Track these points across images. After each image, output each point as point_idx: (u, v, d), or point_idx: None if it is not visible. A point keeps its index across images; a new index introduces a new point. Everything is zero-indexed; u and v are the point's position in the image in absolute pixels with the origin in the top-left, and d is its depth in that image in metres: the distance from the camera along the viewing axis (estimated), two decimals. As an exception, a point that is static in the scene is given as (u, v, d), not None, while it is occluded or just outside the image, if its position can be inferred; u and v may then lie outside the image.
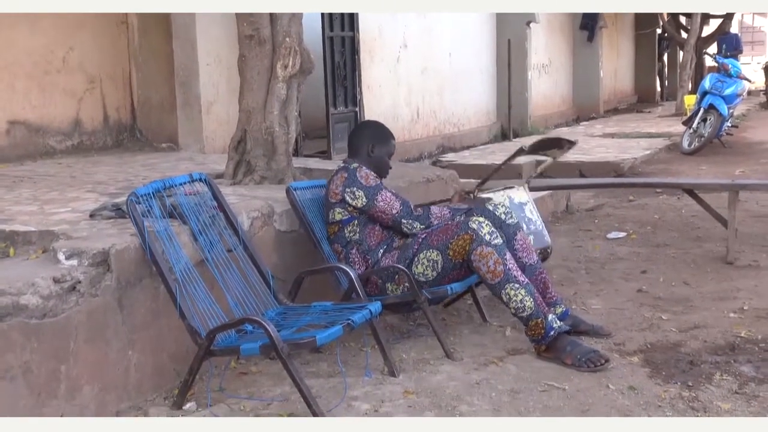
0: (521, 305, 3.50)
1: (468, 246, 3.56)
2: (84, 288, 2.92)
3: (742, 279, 4.74)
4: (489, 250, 3.53)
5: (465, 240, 3.57)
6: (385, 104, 9.52)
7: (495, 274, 3.51)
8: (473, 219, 3.62)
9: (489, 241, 3.54)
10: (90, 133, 6.42)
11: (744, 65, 15.82)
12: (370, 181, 3.78)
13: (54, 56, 6.13)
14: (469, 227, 3.58)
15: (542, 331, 3.49)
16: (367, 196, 3.75)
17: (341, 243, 3.80)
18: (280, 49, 4.56)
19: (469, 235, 3.56)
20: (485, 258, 3.52)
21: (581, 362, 3.39)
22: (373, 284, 3.74)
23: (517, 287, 3.50)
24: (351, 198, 3.75)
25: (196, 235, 3.36)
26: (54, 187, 4.59)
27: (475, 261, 3.55)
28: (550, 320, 3.50)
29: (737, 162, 9.40)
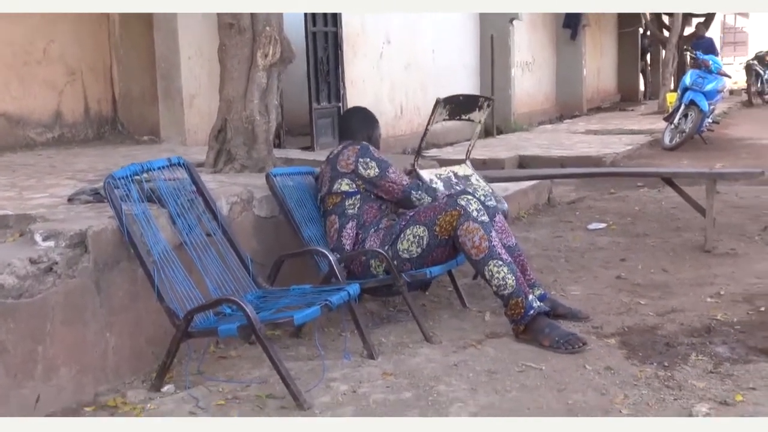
0: (503, 282, 3.53)
1: (455, 221, 3.61)
2: (61, 269, 2.91)
3: (720, 266, 4.78)
4: (476, 225, 3.58)
5: (453, 216, 3.62)
6: (368, 100, 9.52)
7: (480, 250, 3.55)
8: (462, 196, 3.70)
9: (476, 218, 3.60)
10: (71, 126, 6.40)
11: (726, 65, 15.96)
12: (381, 156, 3.88)
13: (34, 48, 6.10)
14: (458, 203, 3.65)
15: (522, 310, 3.51)
16: (379, 167, 3.83)
17: (338, 215, 3.82)
18: (261, 38, 4.57)
19: (458, 211, 3.62)
20: (471, 233, 3.57)
21: (559, 344, 3.41)
22: (357, 262, 3.76)
23: (500, 264, 3.53)
24: (364, 168, 3.81)
25: (175, 218, 3.36)
26: (33, 175, 4.58)
27: (461, 236, 3.59)
28: (530, 300, 3.53)
29: (718, 157, 9.48)
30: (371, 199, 3.86)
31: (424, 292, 4.27)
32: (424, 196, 3.89)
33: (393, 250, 3.71)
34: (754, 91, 18.11)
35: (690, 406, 2.85)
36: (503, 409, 2.88)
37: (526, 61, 14.56)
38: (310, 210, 3.99)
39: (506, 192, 6.45)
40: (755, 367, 3.21)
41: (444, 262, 3.77)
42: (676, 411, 2.84)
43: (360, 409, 2.90)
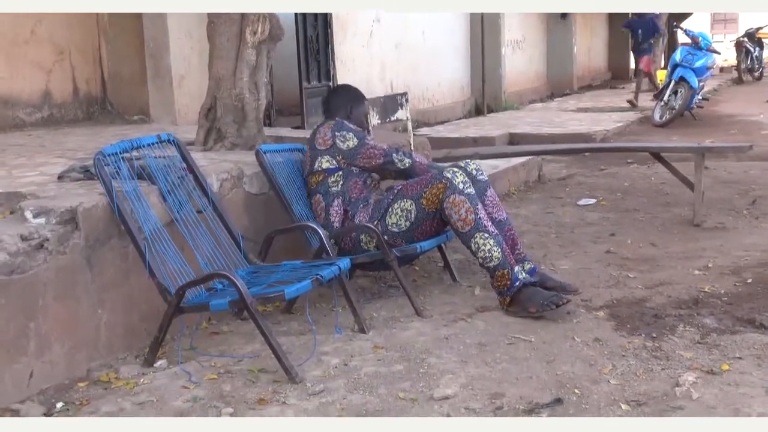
0: (489, 255, 3.56)
1: (441, 194, 3.63)
2: (52, 246, 2.92)
3: (708, 240, 4.82)
4: (462, 198, 3.60)
5: (439, 188, 3.65)
6: (359, 79, 9.50)
7: (466, 222, 3.58)
8: (448, 169, 3.72)
9: (462, 190, 3.62)
10: (60, 106, 6.38)
11: (717, 42, 15.96)
12: (358, 135, 3.89)
13: (22, 28, 6.06)
14: (444, 176, 3.67)
15: (508, 281, 3.55)
16: (357, 138, 3.85)
17: (323, 193, 3.85)
18: (249, 15, 4.55)
19: (444, 184, 3.65)
20: (458, 206, 3.59)
21: (544, 306, 3.47)
22: (348, 238, 3.78)
23: (487, 236, 3.56)
24: (342, 141, 3.83)
25: (165, 195, 3.37)
26: (22, 154, 4.57)
27: (448, 209, 3.61)
28: (516, 271, 3.56)
29: (707, 133, 9.51)
30: (354, 174, 3.87)
31: (412, 266, 4.29)
32: (404, 157, 3.90)
33: (382, 225, 3.73)
34: (744, 68, 18.13)
35: (677, 376, 2.89)
36: (493, 380, 2.91)
37: (517, 39, 14.54)
38: (299, 186, 4.00)
39: (496, 169, 6.48)
40: (741, 337, 3.25)
41: (434, 235, 3.80)
42: (663, 380, 2.87)
43: (351, 382, 2.93)
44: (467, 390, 2.84)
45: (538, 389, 2.84)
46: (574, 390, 2.82)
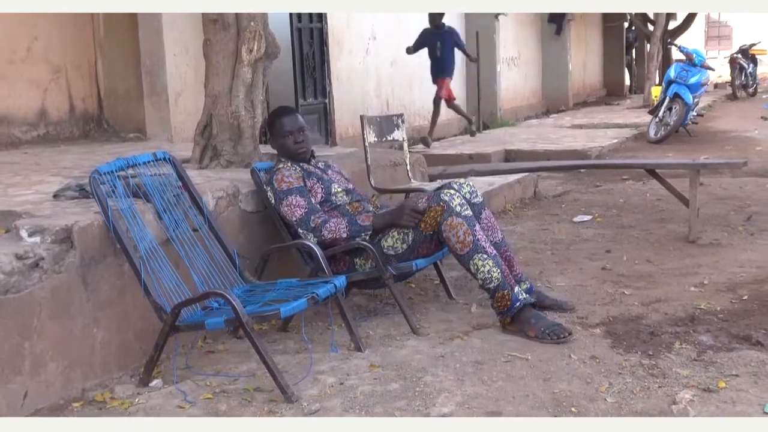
0: (489, 276, 3.55)
1: (439, 217, 3.61)
2: (47, 264, 2.92)
3: (704, 256, 4.83)
4: (459, 220, 3.58)
5: (436, 211, 3.62)
6: (355, 95, 9.55)
7: (464, 245, 3.57)
8: (445, 191, 3.69)
9: (459, 212, 3.60)
10: (56, 124, 6.38)
11: (711, 59, 16.04)
12: (282, 185, 3.80)
13: (18, 46, 6.08)
14: (441, 199, 3.65)
15: (508, 302, 3.54)
16: (275, 198, 3.82)
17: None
18: (245, 33, 4.57)
19: (441, 207, 3.62)
20: (455, 228, 3.58)
21: (544, 334, 3.44)
22: (341, 260, 3.77)
23: (485, 258, 3.55)
24: (269, 196, 3.85)
25: (161, 213, 3.37)
26: (18, 173, 4.56)
27: (446, 231, 3.60)
28: (516, 292, 3.55)
29: (702, 150, 9.54)
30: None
31: (408, 284, 4.29)
32: (309, 236, 3.69)
33: (377, 248, 3.71)
34: (738, 84, 18.20)
35: (674, 394, 2.89)
36: (489, 399, 2.90)
37: (512, 56, 14.61)
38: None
39: (492, 186, 6.49)
40: (738, 354, 3.25)
41: (430, 255, 3.79)
42: (660, 398, 2.87)
43: (348, 401, 2.92)
44: (464, 408, 2.83)
45: (534, 408, 2.83)
46: (570, 408, 2.81)
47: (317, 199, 3.83)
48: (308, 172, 3.92)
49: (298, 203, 3.75)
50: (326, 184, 3.91)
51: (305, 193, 3.79)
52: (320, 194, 3.86)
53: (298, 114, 4.12)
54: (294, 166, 3.91)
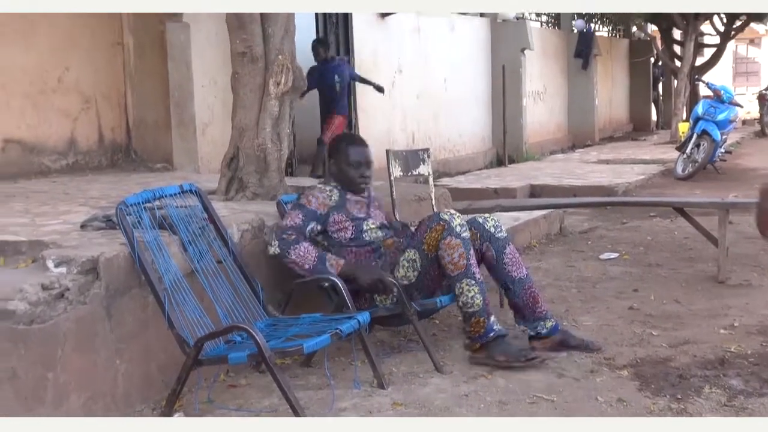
0: (471, 301, 3.58)
1: (439, 236, 3.62)
2: (72, 295, 2.92)
3: (733, 297, 4.75)
4: (457, 241, 3.60)
5: (437, 231, 3.64)
6: (380, 128, 9.58)
7: (456, 267, 3.59)
8: (445, 211, 3.73)
9: (459, 233, 3.62)
10: (85, 153, 6.45)
11: (739, 95, 15.94)
12: (302, 199, 3.82)
13: (49, 75, 6.17)
14: (441, 218, 3.66)
15: (482, 329, 3.58)
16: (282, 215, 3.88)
17: None
18: (273, 67, 4.61)
19: (441, 226, 3.63)
20: (452, 249, 3.59)
21: (514, 358, 3.50)
22: (362, 298, 3.75)
23: (473, 284, 3.58)
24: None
25: (186, 245, 3.37)
26: (46, 202, 4.61)
27: (442, 250, 3.61)
28: (491, 322, 3.59)
29: (731, 187, 9.43)
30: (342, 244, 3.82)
31: (432, 320, 4.25)
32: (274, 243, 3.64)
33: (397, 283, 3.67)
34: (767, 121, 18.06)
35: (704, 439, 2.82)
36: (514, 441, 2.85)
37: (538, 90, 14.62)
38: (320, 236, 3.99)
39: (518, 221, 6.45)
40: (770, 399, 3.17)
41: (440, 277, 3.76)
42: (689, 444, 2.80)
43: (370, 439, 2.88)
44: (488, 451, 2.78)
45: (560, 451, 2.77)
46: (597, 453, 2.75)
47: (347, 235, 3.81)
48: (350, 202, 3.87)
49: (295, 215, 3.73)
50: (358, 222, 3.86)
51: (310, 217, 3.74)
52: (350, 231, 3.82)
53: (367, 147, 4.05)
54: (333, 192, 3.86)
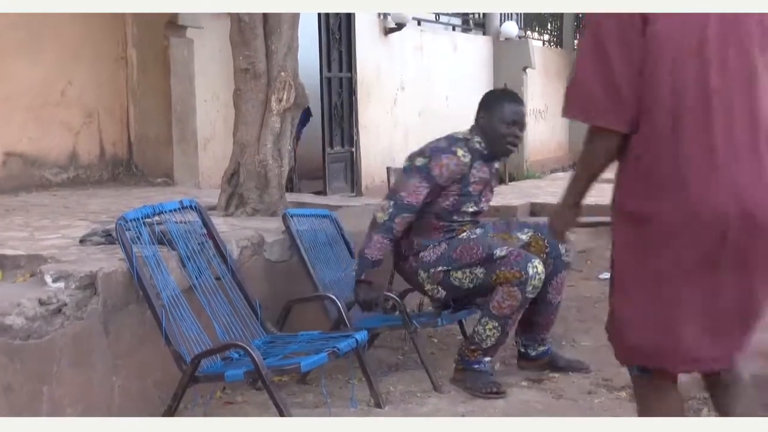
0: (484, 338, 3.56)
1: (513, 280, 3.49)
2: (69, 311, 2.92)
3: (733, 319, 4.72)
4: (519, 297, 3.49)
5: (514, 275, 3.49)
6: (382, 145, 9.59)
7: (499, 310, 3.53)
8: (534, 263, 3.51)
9: (527, 292, 3.49)
10: (86, 167, 6.45)
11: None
12: (435, 169, 3.57)
13: (53, 89, 6.18)
14: (526, 269, 3.48)
15: (473, 358, 3.58)
16: (411, 162, 3.68)
17: None
18: (275, 83, 4.62)
19: (520, 274, 3.47)
20: (510, 298, 3.50)
21: (478, 389, 3.50)
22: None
23: (498, 331, 3.54)
24: (411, 159, 3.74)
25: (185, 261, 3.36)
26: (46, 216, 4.60)
27: (501, 292, 3.51)
28: (486, 359, 3.60)
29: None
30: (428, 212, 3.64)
31: (431, 338, 4.24)
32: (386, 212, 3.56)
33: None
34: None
35: (702, 463, 2.80)
36: (511, 462, 2.84)
37: (539, 109, 14.64)
38: (323, 252, 3.99)
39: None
40: (769, 423, 3.15)
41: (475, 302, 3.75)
42: (687, 467, 2.78)
43: (366, 459, 2.87)
44: (484, 472, 2.77)
45: (557, 473, 2.76)
46: (595, 475, 2.73)
47: (443, 203, 3.64)
48: (475, 171, 3.67)
49: (421, 189, 3.56)
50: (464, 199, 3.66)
51: (433, 193, 3.58)
52: (449, 202, 3.65)
53: (524, 107, 3.82)
54: (466, 157, 3.64)
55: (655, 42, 2.08)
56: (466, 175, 3.65)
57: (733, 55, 2.11)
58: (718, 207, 2.07)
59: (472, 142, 3.71)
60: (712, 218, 2.08)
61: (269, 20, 4.65)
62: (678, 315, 2.16)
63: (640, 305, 2.21)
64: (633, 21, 2.09)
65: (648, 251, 2.17)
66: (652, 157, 2.12)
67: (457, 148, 3.67)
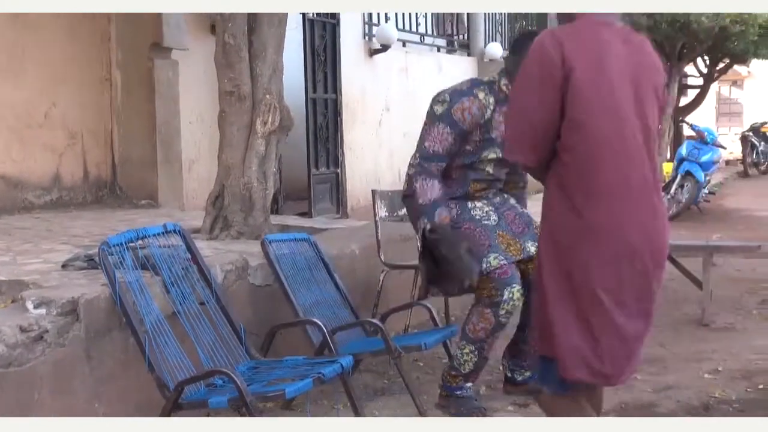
0: (462, 362, 3.58)
1: (486, 299, 3.46)
2: (51, 337, 2.88)
3: (717, 341, 4.74)
4: (492, 319, 3.47)
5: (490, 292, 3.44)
6: (367, 166, 9.59)
7: (474, 333, 3.53)
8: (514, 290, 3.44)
9: (499, 315, 3.46)
10: (69, 189, 6.42)
11: (722, 135, 16.11)
12: (457, 114, 3.45)
13: (36, 111, 6.16)
14: (502, 292, 3.43)
15: (455, 384, 3.59)
16: (432, 111, 3.56)
17: None
18: (260, 106, 4.62)
19: (496, 294, 3.43)
20: (484, 321, 3.49)
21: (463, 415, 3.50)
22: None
23: (475, 355, 3.55)
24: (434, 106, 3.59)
25: (168, 286, 3.34)
26: (29, 239, 4.57)
27: (474, 311, 3.53)
28: (467, 385, 3.60)
29: (714, 228, 9.49)
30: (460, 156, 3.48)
31: (416, 362, 4.22)
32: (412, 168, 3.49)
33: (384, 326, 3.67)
34: (749, 161, 18.25)
35: (688, 489, 2.80)
36: (497, 489, 2.82)
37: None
38: (304, 277, 3.97)
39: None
40: (754, 447, 3.15)
41: None
42: (674, 493, 2.78)
43: (351, 487, 2.84)
44: (470, 499, 2.74)
45: (544, 500, 2.74)
46: (581, 502, 2.71)
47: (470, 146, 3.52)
48: (497, 115, 3.49)
49: (446, 135, 3.44)
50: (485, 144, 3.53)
51: (459, 136, 3.43)
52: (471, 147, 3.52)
53: None
54: (489, 100, 3.48)
55: (574, 88, 2.38)
56: (489, 120, 3.50)
57: (637, 101, 2.45)
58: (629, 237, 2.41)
59: (498, 84, 3.54)
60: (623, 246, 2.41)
61: (254, 43, 4.65)
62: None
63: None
64: (554, 70, 2.39)
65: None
66: (574, 187, 2.44)
67: (479, 91, 3.52)
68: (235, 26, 4.56)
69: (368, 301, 4.56)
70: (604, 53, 2.42)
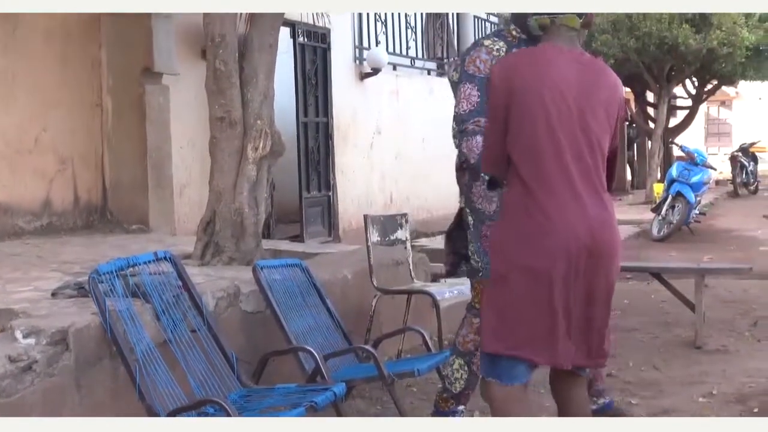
0: (452, 380, 3.54)
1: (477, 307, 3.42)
2: (40, 368, 2.85)
3: (711, 364, 4.74)
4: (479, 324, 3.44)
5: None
6: (359, 189, 9.60)
7: (464, 345, 3.51)
8: None
9: None
10: (60, 214, 6.39)
11: (711, 155, 16.20)
12: (470, 67, 3.29)
13: (27, 136, 6.14)
14: None
15: (446, 408, 3.57)
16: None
17: None
18: (251, 131, 4.62)
19: None
20: (472, 331, 3.47)
21: None
22: None
23: (467, 371, 3.51)
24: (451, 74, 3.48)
25: (159, 314, 3.31)
26: (18, 267, 4.53)
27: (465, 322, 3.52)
28: (458, 408, 3.59)
29: (706, 249, 9.51)
30: None
31: (410, 387, 4.19)
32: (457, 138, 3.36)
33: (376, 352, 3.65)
34: (739, 182, 18.34)
35: None
36: None
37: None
38: (296, 303, 3.95)
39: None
40: (750, 472, 3.14)
41: None
42: None
43: None
44: None
45: None
46: None
47: None
48: None
49: (471, 91, 3.26)
50: None
51: (484, 88, 3.17)
52: None
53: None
54: (500, 51, 3.28)
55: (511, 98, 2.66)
56: None
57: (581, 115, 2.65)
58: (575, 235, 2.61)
59: (505, 32, 3.38)
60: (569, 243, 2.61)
61: (245, 69, 4.66)
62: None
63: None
64: (500, 99, 2.69)
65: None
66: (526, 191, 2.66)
67: (484, 41, 3.40)
68: (226, 52, 4.57)
69: (361, 326, 4.54)
70: (544, 70, 2.66)
